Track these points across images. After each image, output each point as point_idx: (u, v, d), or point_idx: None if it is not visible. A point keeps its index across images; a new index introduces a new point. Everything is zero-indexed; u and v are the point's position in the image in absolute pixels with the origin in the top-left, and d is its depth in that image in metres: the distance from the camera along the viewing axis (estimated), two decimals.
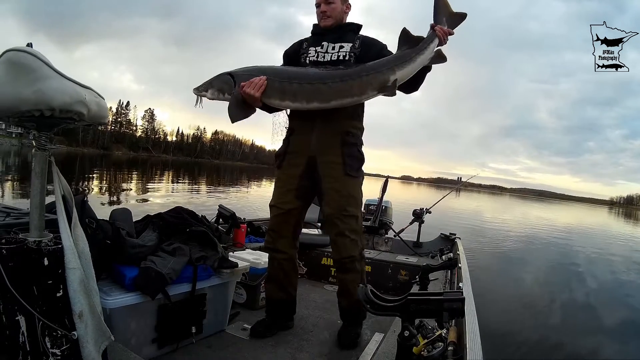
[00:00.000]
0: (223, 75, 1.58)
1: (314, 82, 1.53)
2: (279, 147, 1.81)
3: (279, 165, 1.77)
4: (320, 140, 1.67)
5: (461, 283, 1.55)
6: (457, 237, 3.02)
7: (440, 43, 1.60)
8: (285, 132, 1.84)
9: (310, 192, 1.76)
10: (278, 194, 1.76)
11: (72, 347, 0.94)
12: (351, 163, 1.67)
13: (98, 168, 22.95)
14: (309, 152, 1.68)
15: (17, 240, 0.92)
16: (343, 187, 1.66)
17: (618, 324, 3.73)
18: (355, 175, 1.69)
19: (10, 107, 0.87)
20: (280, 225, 1.75)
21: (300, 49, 1.74)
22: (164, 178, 21.04)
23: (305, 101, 1.55)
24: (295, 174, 1.71)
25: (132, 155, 72.27)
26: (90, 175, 16.46)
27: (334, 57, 1.67)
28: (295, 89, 1.53)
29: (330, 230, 1.70)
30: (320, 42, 1.70)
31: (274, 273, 1.80)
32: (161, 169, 32.43)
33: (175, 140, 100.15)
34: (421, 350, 0.95)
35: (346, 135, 1.67)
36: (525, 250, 7.98)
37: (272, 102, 1.57)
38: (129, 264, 1.40)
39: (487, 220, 14.83)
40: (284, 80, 1.53)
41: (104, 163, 30.64)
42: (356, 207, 1.71)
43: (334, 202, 1.66)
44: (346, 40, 1.69)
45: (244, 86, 1.49)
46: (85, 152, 61.41)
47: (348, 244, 1.67)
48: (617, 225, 25.77)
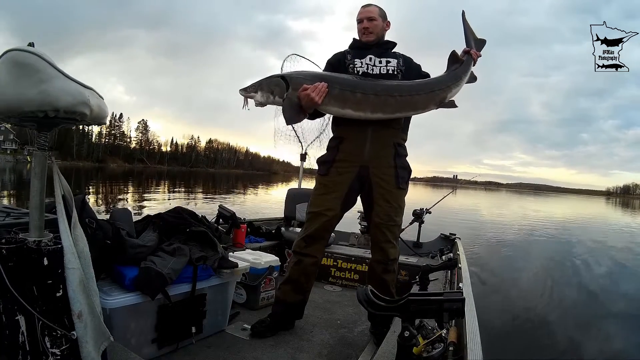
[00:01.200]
0: (275, 78, 1.60)
1: (381, 93, 1.60)
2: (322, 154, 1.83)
3: (325, 172, 1.76)
4: (375, 150, 1.70)
5: (461, 283, 1.55)
6: (457, 238, 3.02)
7: (474, 64, 1.82)
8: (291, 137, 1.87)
9: (354, 201, 1.79)
10: (323, 200, 1.74)
11: (71, 347, 0.94)
12: (403, 175, 1.73)
13: (94, 181, 22.80)
14: (362, 162, 1.71)
15: (17, 240, 0.92)
16: (393, 199, 1.72)
17: (619, 321, 3.73)
18: (404, 187, 1.76)
19: (13, 108, 0.86)
20: (321, 232, 1.75)
21: (345, 60, 1.76)
22: (159, 189, 21.01)
23: (370, 111, 1.60)
24: (345, 182, 1.72)
25: (127, 167, 72.05)
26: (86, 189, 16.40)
27: (383, 70, 1.72)
28: (359, 98, 1.58)
29: (378, 237, 1.74)
30: (365, 55, 1.74)
31: (295, 276, 1.77)
32: (157, 179, 32.36)
33: (169, 150, 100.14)
34: (421, 351, 0.95)
35: (398, 147, 1.73)
36: (524, 247, 7.97)
37: (330, 109, 1.61)
38: (129, 264, 1.40)
39: (485, 218, 14.83)
40: (346, 89, 1.57)
41: (99, 176, 30.36)
42: (401, 216, 1.79)
43: (383, 212, 1.71)
44: (390, 56, 1.75)
45: (307, 90, 1.51)
46: (81, 165, 60.91)
47: (392, 250, 1.75)
48: (614, 215, 25.78)
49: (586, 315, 3.87)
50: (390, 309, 1.02)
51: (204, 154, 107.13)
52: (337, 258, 2.71)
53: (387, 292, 1.76)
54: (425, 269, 2.03)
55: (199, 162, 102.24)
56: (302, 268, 1.76)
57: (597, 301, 4.39)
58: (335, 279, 2.70)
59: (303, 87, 1.53)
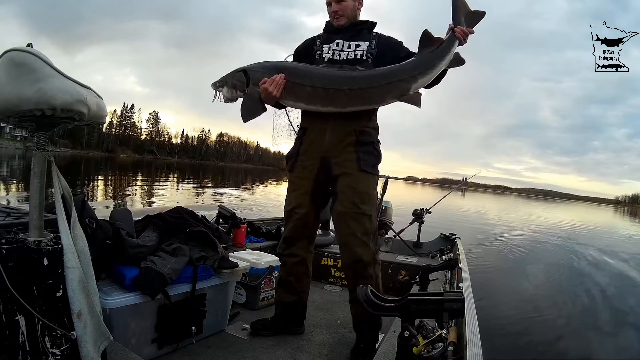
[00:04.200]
0: (236, 72, 1.54)
1: (329, 86, 1.47)
2: (289, 149, 1.74)
3: (291, 168, 1.69)
4: (334, 140, 1.58)
5: (461, 283, 1.55)
6: (457, 237, 3.02)
7: (460, 44, 1.56)
8: (290, 133, 1.80)
9: (325, 195, 1.69)
10: (292, 198, 1.68)
11: (71, 347, 0.94)
12: (367, 159, 1.58)
13: (103, 171, 22.94)
14: (322, 152, 1.60)
15: (17, 240, 0.92)
16: (357, 184, 1.56)
17: (621, 324, 3.72)
18: (371, 171, 1.59)
19: (11, 107, 0.87)
20: (298, 230, 1.69)
21: (314, 46, 1.66)
22: (168, 181, 21.10)
23: (320, 105, 1.51)
24: (309, 176, 1.63)
25: (137, 158, 72.44)
26: (95, 178, 16.49)
27: (351, 55, 1.59)
28: (309, 92, 1.48)
29: (341, 230, 1.58)
30: (334, 40, 1.62)
31: (284, 277, 1.76)
32: (166, 171, 32.47)
33: (180, 142, 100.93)
34: (421, 351, 0.95)
35: (361, 135, 1.59)
36: (527, 250, 7.96)
37: (287, 102, 1.54)
38: (129, 264, 1.40)
39: (490, 221, 14.83)
40: (296, 81, 1.48)
41: (109, 166, 30.60)
42: (371, 205, 1.58)
43: (347, 199, 1.55)
44: (362, 38, 1.61)
45: (265, 83, 1.45)
46: (91, 155, 61.70)
47: (359, 247, 1.53)
48: (622, 224, 25.72)
49: (587, 316, 3.86)
50: (390, 309, 1.02)
51: (215, 147, 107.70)
52: (337, 258, 2.71)
53: (358, 303, 1.43)
54: (425, 268, 2.03)
55: (209, 155, 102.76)
56: (288, 269, 1.74)
57: (598, 303, 4.39)
58: (335, 279, 2.70)
59: (263, 80, 1.46)
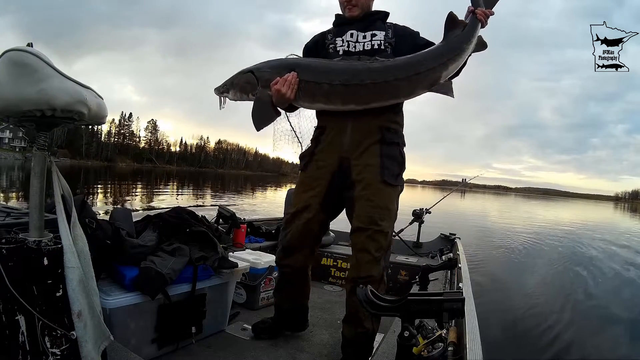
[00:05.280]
0: (243, 74, 1.41)
1: (350, 82, 1.31)
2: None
3: (304, 167, 1.53)
4: (356, 139, 1.42)
5: (461, 283, 1.55)
6: (457, 238, 3.02)
7: (482, 26, 1.45)
8: (292, 138, 1.72)
9: (336, 206, 1.52)
10: (300, 199, 1.51)
11: (71, 347, 0.94)
12: (390, 167, 1.42)
13: (102, 180, 22.97)
14: (342, 152, 1.44)
15: (17, 240, 0.92)
16: (377, 197, 1.39)
17: (625, 323, 3.72)
18: (394, 183, 1.42)
19: (12, 107, 0.87)
20: (298, 239, 1.51)
21: (325, 40, 1.52)
22: (168, 188, 21.21)
23: (340, 103, 1.36)
24: (323, 177, 1.46)
25: (136, 167, 72.59)
26: (95, 187, 16.55)
27: (367, 46, 1.45)
28: (327, 90, 1.33)
29: (354, 243, 1.44)
30: (347, 31, 1.48)
31: (281, 284, 1.68)
32: (165, 179, 32.56)
33: (178, 150, 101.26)
34: (421, 351, 0.95)
35: (387, 132, 1.43)
36: (527, 250, 7.96)
37: (302, 103, 1.39)
38: (128, 264, 1.40)
39: (490, 220, 14.82)
40: (310, 80, 1.33)
41: (108, 175, 30.56)
42: (389, 221, 1.42)
43: (364, 214, 1.39)
44: (377, 28, 1.47)
45: (277, 84, 1.31)
46: (90, 164, 61.81)
47: (369, 263, 1.39)
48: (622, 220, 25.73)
49: (588, 318, 3.86)
50: (390, 309, 1.02)
51: (213, 154, 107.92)
52: (337, 258, 2.71)
53: (354, 321, 1.44)
54: (425, 268, 2.03)
55: (208, 162, 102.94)
56: (284, 278, 1.64)
57: (599, 303, 4.38)
58: (335, 279, 2.70)
59: (275, 81, 1.32)
